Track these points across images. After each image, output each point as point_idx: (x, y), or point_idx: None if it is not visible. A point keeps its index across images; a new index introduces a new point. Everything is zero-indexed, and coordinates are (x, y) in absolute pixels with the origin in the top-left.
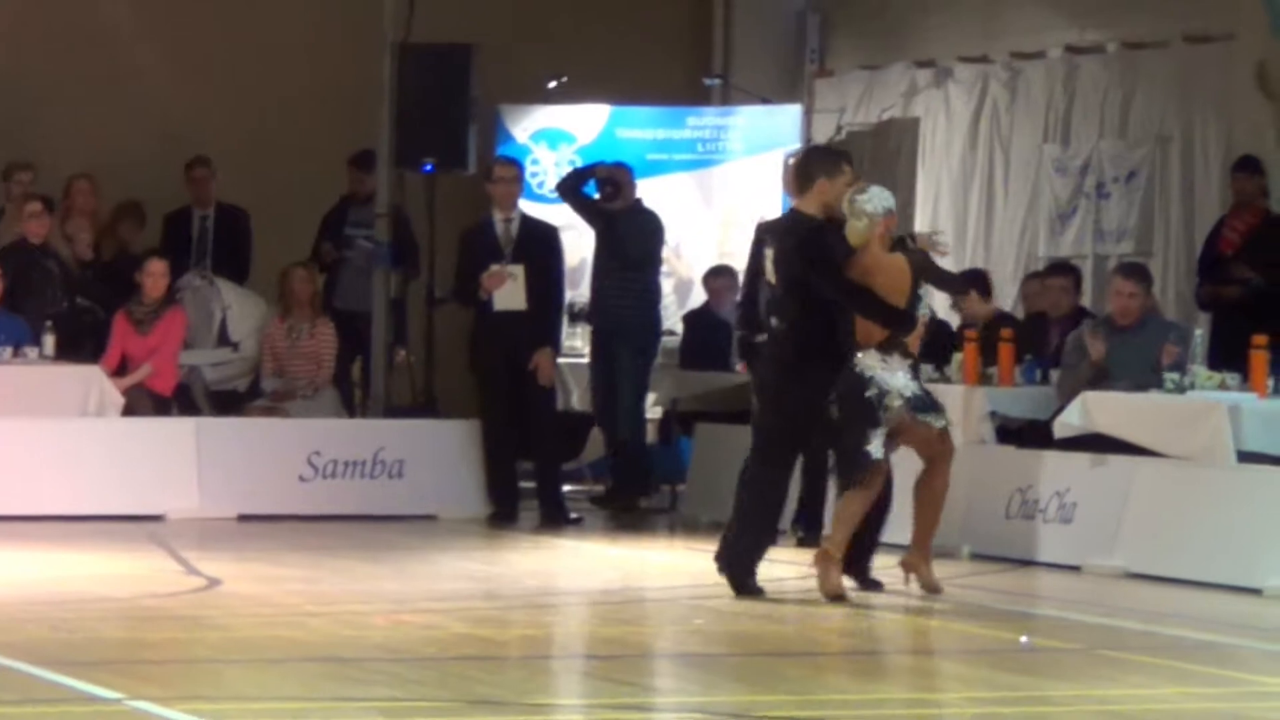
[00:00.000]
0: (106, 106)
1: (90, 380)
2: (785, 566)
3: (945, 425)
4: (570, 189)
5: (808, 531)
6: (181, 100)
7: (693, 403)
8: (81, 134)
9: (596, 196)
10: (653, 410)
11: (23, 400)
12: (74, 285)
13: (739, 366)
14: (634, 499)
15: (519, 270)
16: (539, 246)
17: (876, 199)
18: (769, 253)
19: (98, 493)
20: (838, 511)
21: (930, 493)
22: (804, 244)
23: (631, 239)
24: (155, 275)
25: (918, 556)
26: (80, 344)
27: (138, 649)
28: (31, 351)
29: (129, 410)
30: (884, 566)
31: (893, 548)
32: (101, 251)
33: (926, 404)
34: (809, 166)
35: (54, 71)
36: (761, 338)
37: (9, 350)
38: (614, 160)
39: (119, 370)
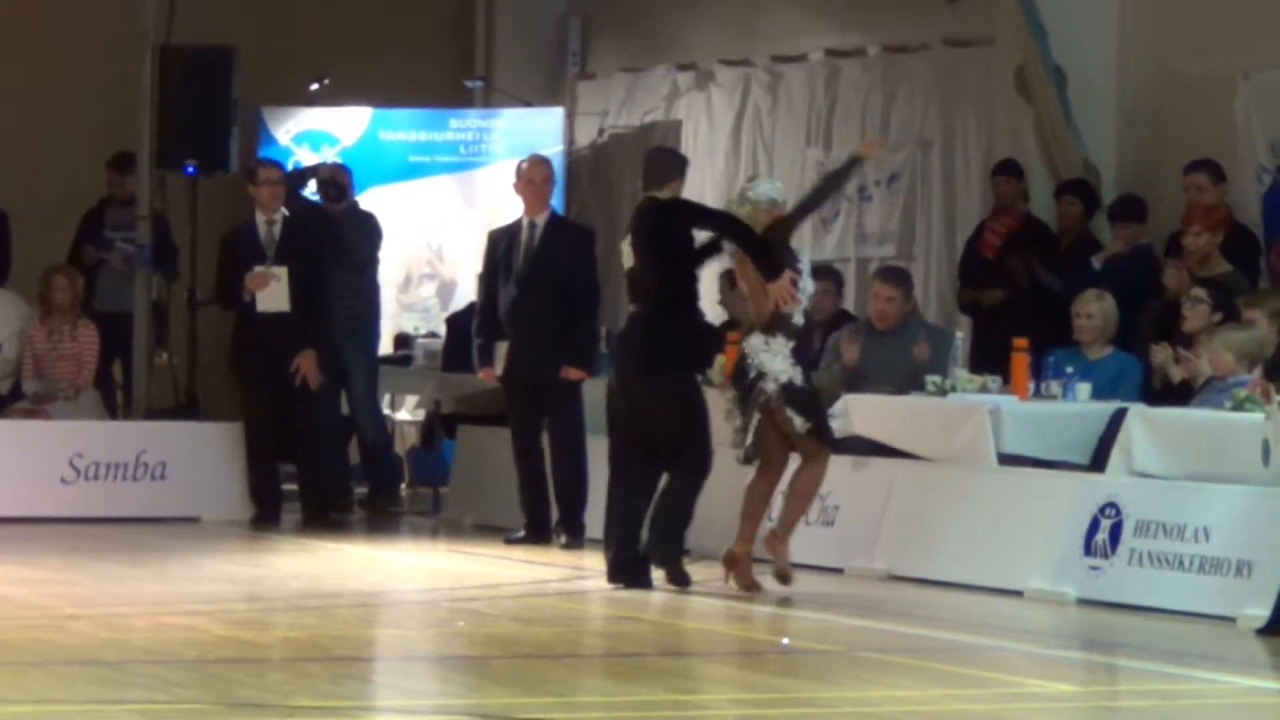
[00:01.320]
0: None
1: None
2: (548, 569)
3: (810, 429)
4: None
5: (571, 536)
6: None
7: (455, 405)
8: None
9: (317, 197)
10: (415, 412)
11: None
12: None
13: (481, 373)
14: (393, 500)
15: (283, 272)
16: (303, 247)
17: (763, 189)
18: (626, 239)
19: None
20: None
21: (796, 484)
22: (674, 209)
23: (353, 241)
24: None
25: (774, 540)
26: None
27: None
28: None
29: None
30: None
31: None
32: None
33: (798, 398)
34: (663, 164)
35: None
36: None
37: None
38: (333, 162)
39: None
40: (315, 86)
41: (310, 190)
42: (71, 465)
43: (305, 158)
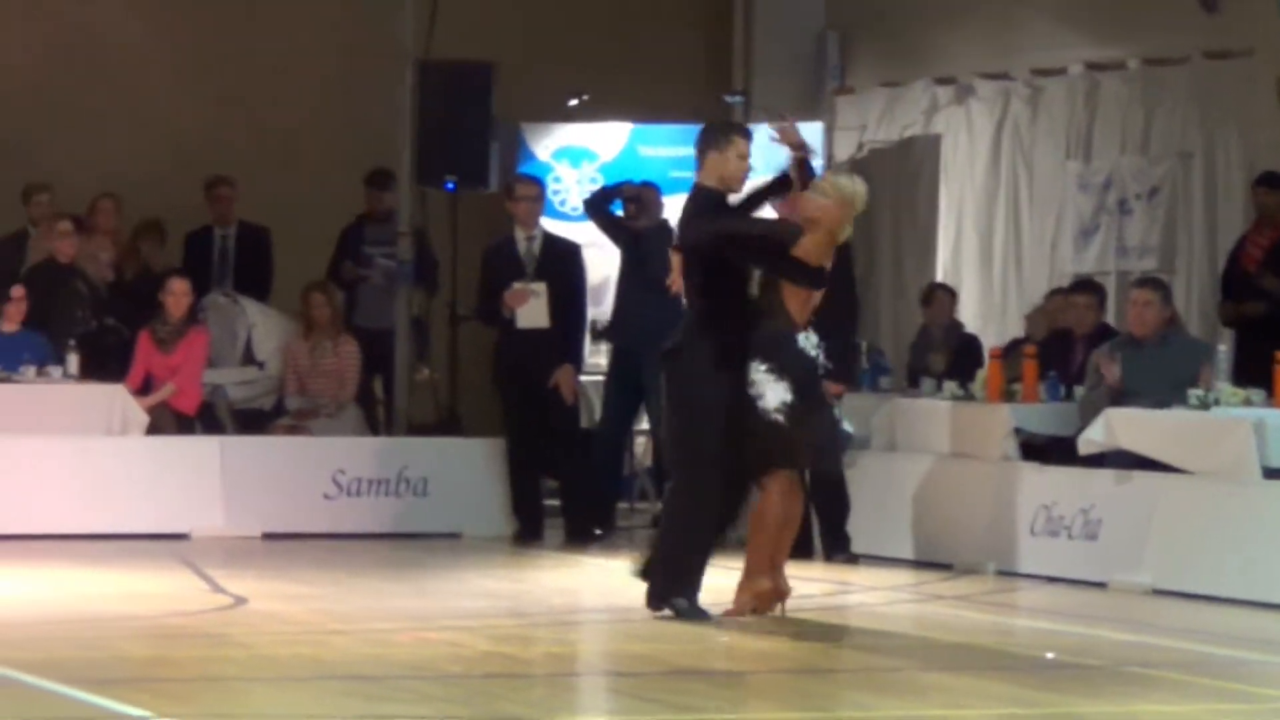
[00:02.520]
0: (126, 126)
1: (114, 399)
2: (810, 584)
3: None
4: (596, 206)
5: (834, 551)
6: (201, 119)
7: None
8: (102, 154)
9: (621, 214)
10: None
11: (47, 419)
12: (102, 305)
13: None
14: None
15: (542, 288)
16: (561, 264)
17: (846, 185)
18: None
19: (123, 511)
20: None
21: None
22: (699, 207)
23: (654, 258)
24: (178, 294)
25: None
26: (105, 363)
27: (164, 667)
28: (55, 370)
29: (153, 429)
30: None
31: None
32: (123, 271)
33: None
34: (700, 142)
35: (73, 92)
36: None
37: (33, 369)
38: (641, 179)
39: (143, 389)
40: (574, 102)
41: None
42: (334, 481)
43: (564, 173)
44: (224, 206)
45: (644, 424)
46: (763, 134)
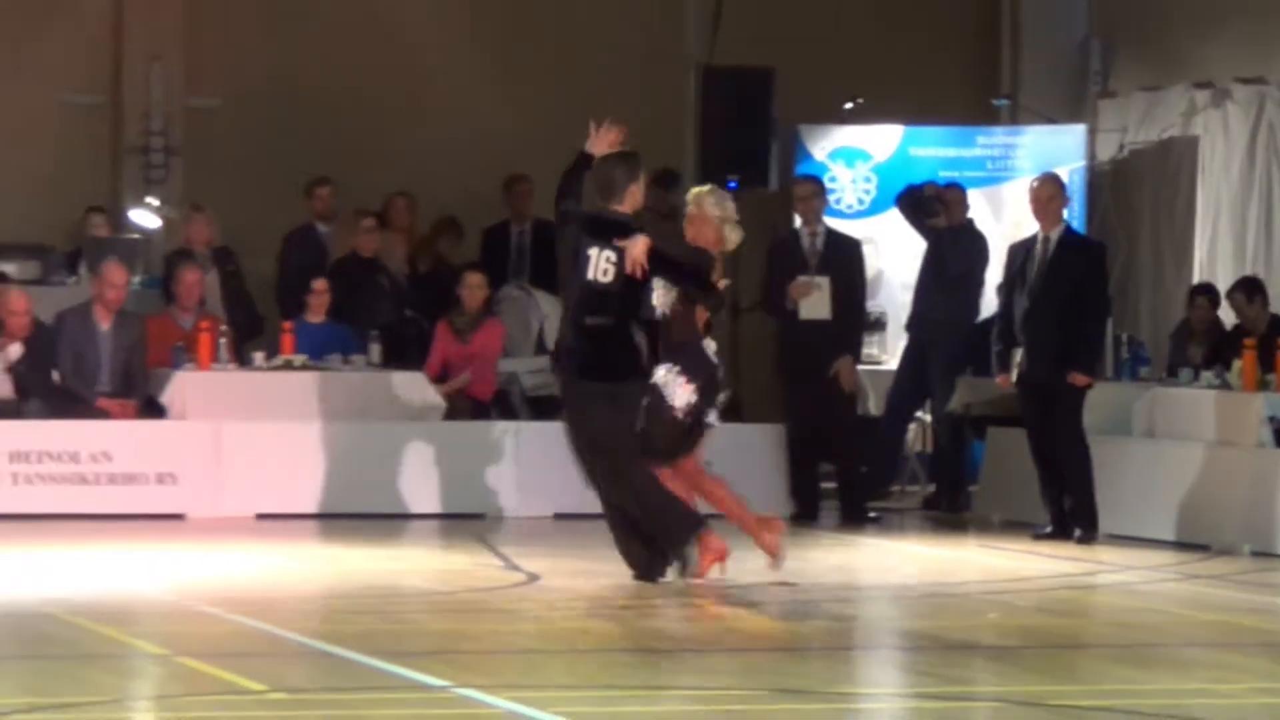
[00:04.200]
0: (425, 125)
1: (414, 386)
2: (1070, 563)
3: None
4: (909, 202)
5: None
6: (497, 119)
7: (984, 408)
8: (402, 152)
9: (925, 213)
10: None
11: (352, 404)
12: (403, 297)
13: (999, 379)
14: (957, 501)
15: (824, 281)
16: (843, 259)
17: (710, 204)
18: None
19: (422, 493)
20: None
21: None
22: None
23: (952, 256)
24: (473, 288)
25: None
26: (405, 352)
27: (462, 639)
28: (359, 359)
29: (450, 415)
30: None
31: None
32: (418, 264)
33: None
34: (628, 173)
35: (373, 90)
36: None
37: (338, 358)
38: (947, 180)
39: (440, 377)
40: (849, 105)
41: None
42: None
43: (840, 174)
44: (522, 203)
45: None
46: (1033, 134)
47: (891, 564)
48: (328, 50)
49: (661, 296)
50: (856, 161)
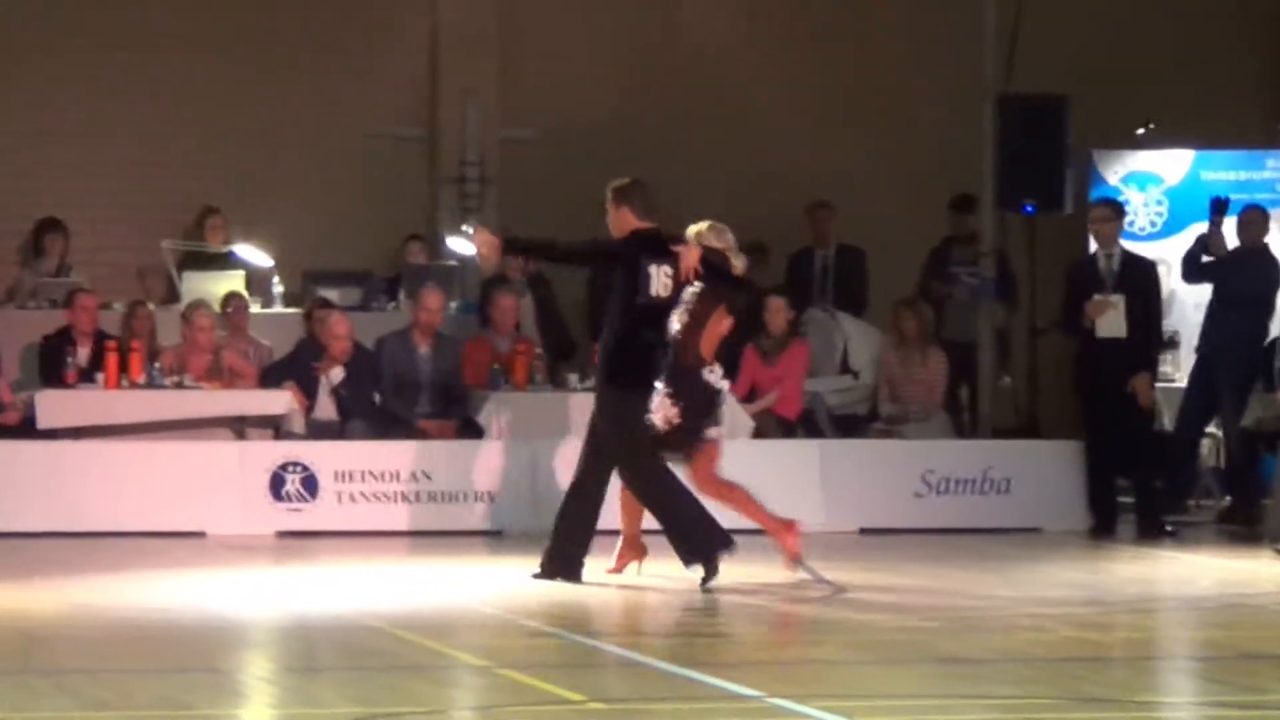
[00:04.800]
0: (734, 154)
1: (725, 406)
2: None
3: None
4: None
5: None
6: (802, 147)
7: (1275, 423)
8: (711, 180)
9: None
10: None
11: None
12: None
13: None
14: (1253, 514)
15: (1120, 300)
16: (1139, 279)
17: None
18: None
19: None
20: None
21: None
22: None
23: (1245, 278)
24: (776, 311)
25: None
26: None
27: (773, 650)
28: None
29: (758, 433)
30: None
31: None
32: None
33: None
34: (629, 197)
35: (683, 120)
36: None
37: None
38: (1251, 201)
39: (748, 397)
40: (1142, 131)
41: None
42: (924, 480)
43: (1132, 197)
44: (823, 228)
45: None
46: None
47: (1188, 576)
48: (638, 81)
49: (676, 319)
50: (1149, 185)
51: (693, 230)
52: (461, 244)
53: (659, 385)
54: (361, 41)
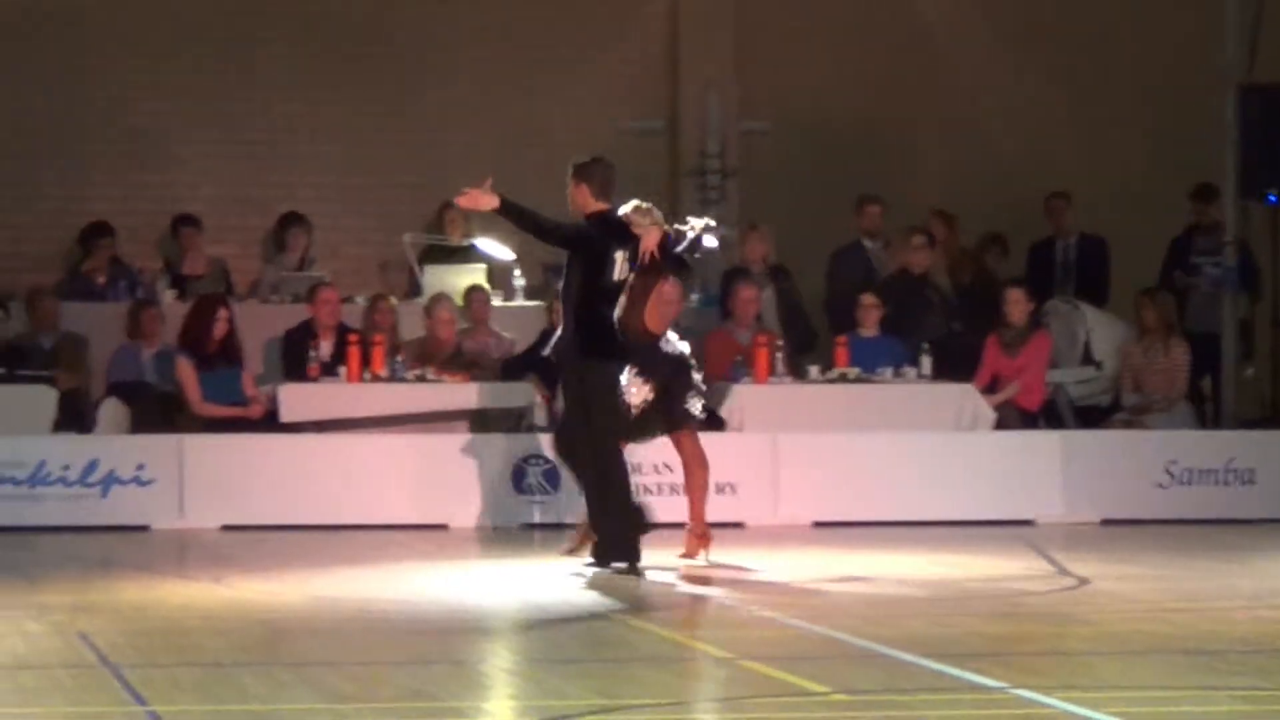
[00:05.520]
0: (971, 142)
1: (964, 397)
2: None
3: None
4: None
5: None
6: (1041, 136)
7: None
8: (948, 169)
9: None
10: None
11: (903, 415)
12: (951, 311)
13: None
14: None
15: None
16: None
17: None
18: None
19: (971, 500)
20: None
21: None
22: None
23: None
24: (1017, 302)
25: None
26: (954, 365)
27: (1015, 642)
28: (910, 371)
29: (999, 425)
30: None
31: None
32: (962, 278)
33: None
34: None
35: (919, 109)
36: None
37: (889, 370)
38: None
39: (990, 388)
40: None
41: None
42: (1166, 471)
43: None
44: (1061, 218)
45: None
46: None
47: None
48: (874, 71)
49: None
50: None
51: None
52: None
53: (627, 368)
54: (603, 34)
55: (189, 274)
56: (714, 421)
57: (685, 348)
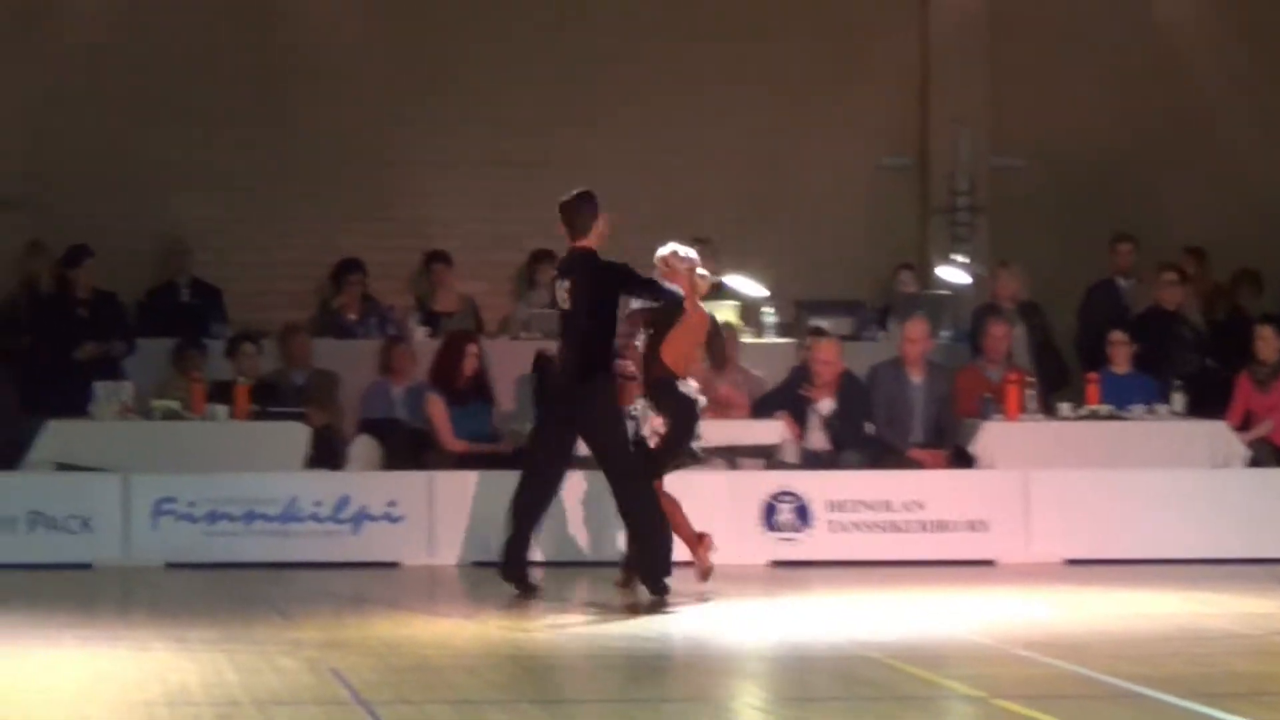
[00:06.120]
0: (1222, 180)
1: (1217, 435)
2: None
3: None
4: None
5: None
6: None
7: None
8: (1200, 205)
9: None
10: None
11: (1155, 452)
12: (1204, 347)
13: None
14: None
15: None
16: None
17: (685, 252)
18: (565, 284)
19: (1224, 538)
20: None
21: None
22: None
23: None
24: (1267, 340)
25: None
26: (1207, 401)
27: (1272, 682)
28: (1162, 408)
29: (1253, 462)
30: None
31: None
32: (1215, 314)
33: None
34: (582, 211)
35: (1172, 145)
36: None
37: (1141, 407)
38: None
39: (1243, 425)
40: None
41: None
42: None
43: None
44: None
45: None
46: None
47: None
48: (1126, 107)
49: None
50: None
51: (661, 253)
52: (952, 273)
53: (641, 401)
54: (855, 72)
55: (440, 311)
56: (964, 459)
57: (700, 400)
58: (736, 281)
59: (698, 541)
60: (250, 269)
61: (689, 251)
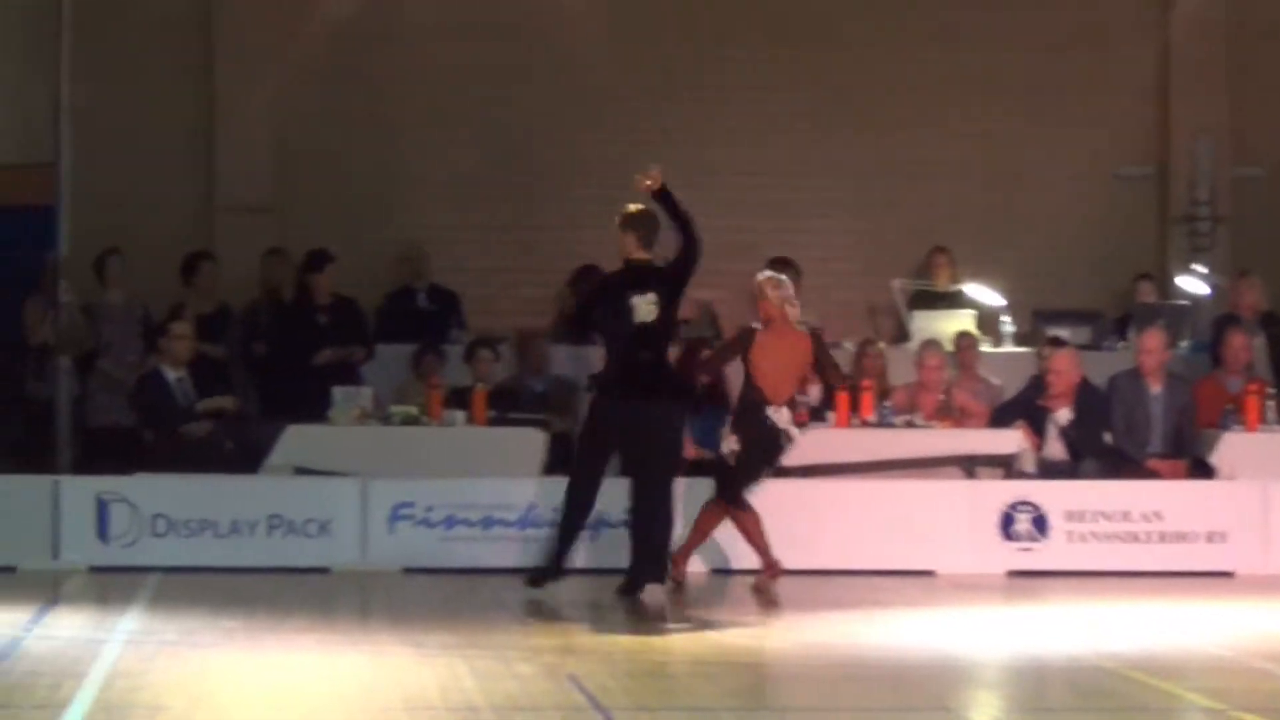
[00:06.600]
0: None
1: None
2: None
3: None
4: None
5: None
6: None
7: None
8: None
9: None
10: None
11: None
12: None
13: None
14: None
15: None
16: None
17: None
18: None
19: None
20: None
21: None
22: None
23: None
24: None
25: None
26: None
27: None
28: None
29: None
30: None
31: None
32: None
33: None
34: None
35: None
36: None
37: None
38: None
39: None
40: None
41: None
42: None
43: None
44: None
45: None
46: None
47: None
48: None
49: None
50: None
51: (759, 278)
52: (1192, 283)
53: (728, 422)
54: (1094, 82)
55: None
56: (1203, 469)
57: (789, 430)
58: (975, 290)
59: (773, 560)
60: (488, 275)
61: (783, 280)
